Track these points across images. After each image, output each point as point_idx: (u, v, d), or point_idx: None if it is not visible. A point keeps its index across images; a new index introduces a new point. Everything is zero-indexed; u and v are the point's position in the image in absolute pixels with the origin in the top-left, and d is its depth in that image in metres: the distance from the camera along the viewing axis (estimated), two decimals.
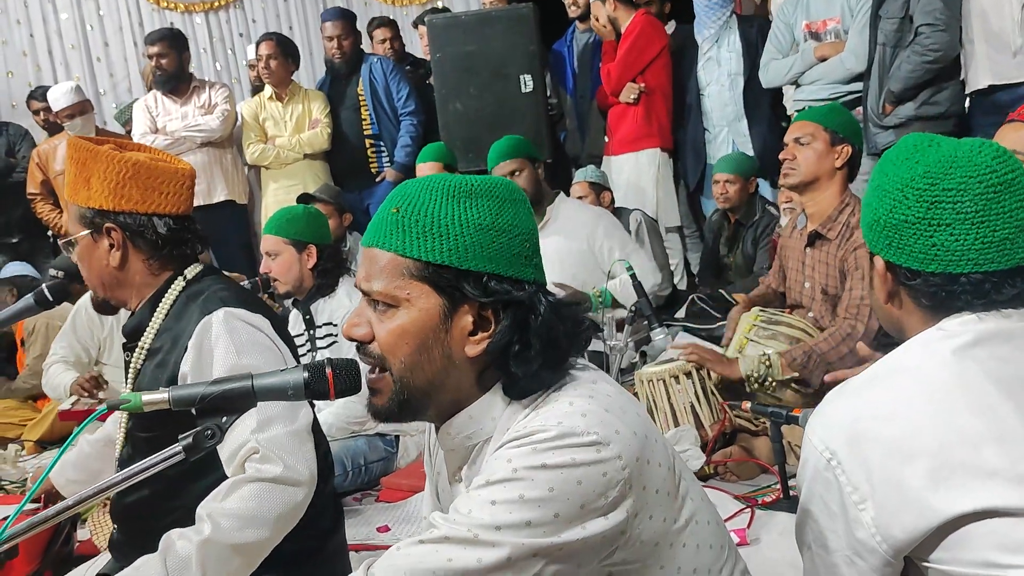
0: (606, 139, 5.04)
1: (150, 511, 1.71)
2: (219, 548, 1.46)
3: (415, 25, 5.88)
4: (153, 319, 1.73)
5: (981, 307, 1.13)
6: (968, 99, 3.77)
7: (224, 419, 1.11)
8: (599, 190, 4.29)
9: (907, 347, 1.16)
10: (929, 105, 3.71)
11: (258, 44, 5.33)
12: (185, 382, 1.64)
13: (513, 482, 1.03)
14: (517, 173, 3.66)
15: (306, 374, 1.13)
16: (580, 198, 4.16)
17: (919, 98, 3.72)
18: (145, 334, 1.73)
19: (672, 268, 5.18)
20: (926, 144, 1.18)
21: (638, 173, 4.87)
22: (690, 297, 4.06)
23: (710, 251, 4.65)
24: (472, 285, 1.11)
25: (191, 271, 1.77)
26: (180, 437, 1.10)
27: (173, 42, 5.14)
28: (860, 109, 3.95)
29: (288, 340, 1.81)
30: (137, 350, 1.73)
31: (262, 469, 1.52)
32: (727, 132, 4.69)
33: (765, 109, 4.55)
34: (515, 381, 1.13)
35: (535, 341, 1.12)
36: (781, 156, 3.02)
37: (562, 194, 3.84)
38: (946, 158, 1.14)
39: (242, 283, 3.55)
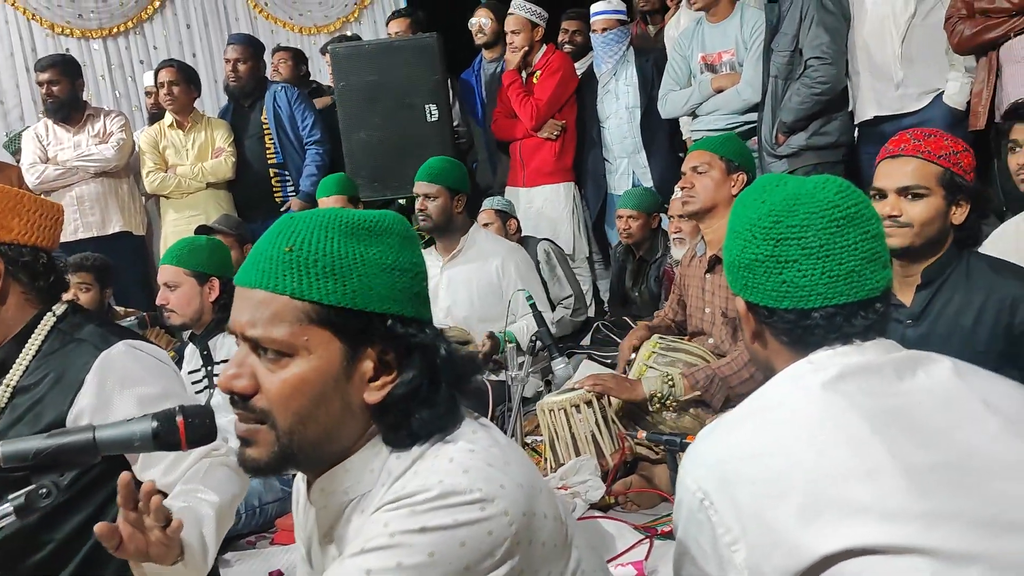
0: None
1: (20, 545, 1.64)
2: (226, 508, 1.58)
3: (322, 53, 5.81)
4: (22, 355, 1.67)
5: (836, 340, 1.15)
6: (857, 129, 3.91)
7: (62, 476, 1.03)
8: (505, 218, 4.29)
9: (777, 381, 1.17)
10: (820, 135, 3.84)
11: (157, 71, 5.18)
12: (81, 421, 1.58)
13: (390, 549, 0.97)
14: (431, 198, 3.62)
15: (154, 423, 1.07)
16: (485, 225, 4.15)
17: (810, 128, 3.85)
18: (12, 371, 1.66)
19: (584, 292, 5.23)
20: (773, 184, 1.21)
21: (554, 205, 4.93)
22: (595, 324, 4.08)
23: (617, 281, 4.69)
24: (377, 328, 1.05)
25: (59, 308, 1.73)
26: (11, 497, 1.02)
27: (65, 69, 4.96)
28: (755, 139, 4.06)
29: None
30: (2, 386, 1.66)
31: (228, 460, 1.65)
32: (627, 163, 4.76)
33: (663, 141, 4.64)
34: (398, 430, 1.07)
35: (440, 385, 1.07)
36: (679, 185, 3.07)
37: (476, 224, 3.82)
38: (790, 196, 1.17)
39: (128, 320, 3.44)
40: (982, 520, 0.99)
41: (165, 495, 1.40)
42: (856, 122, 3.88)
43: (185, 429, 1.07)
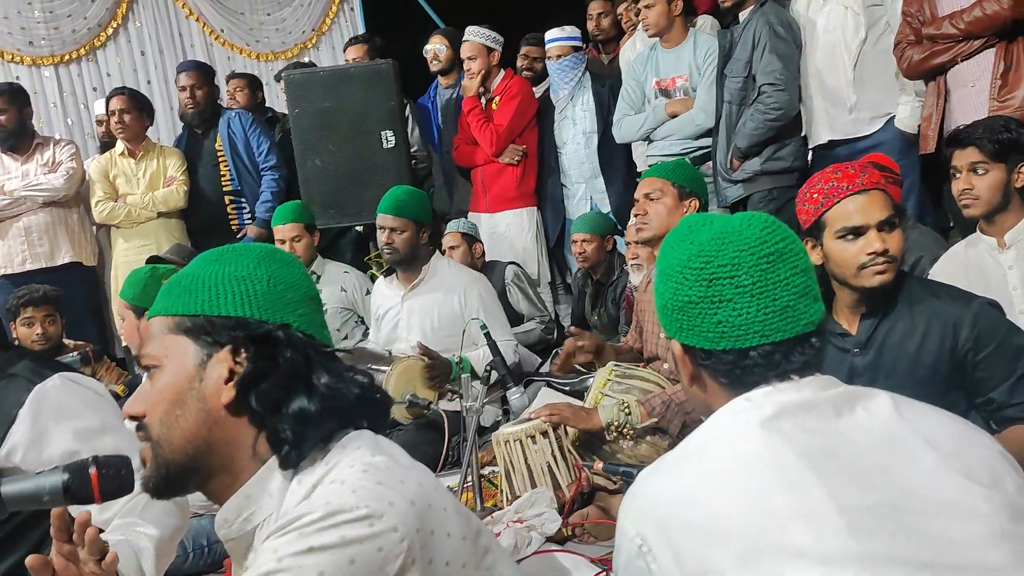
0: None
1: None
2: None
3: (277, 80, 5.76)
4: None
5: (775, 378, 1.13)
6: (811, 153, 3.94)
7: None
8: (471, 241, 4.26)
9: (715, 420, 1.14)
10: (774, 160, 3.86)
11: (109, 99, 5.09)
12: (13, 457, 1.54)
13: (279, 573, 0.97)
14: (397, 232, 3.56)
15: (65, 476, 1.01)
16: (451, 248, 4.11)
17: (764, 153, 3.87)
18: None
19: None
20: (700, 224, 1.19)
21: (518, 230, 4.92)
22: (555, 351, 4.05)
23: (577, 307, 4.67)
24: (222, 328, 1.12)
25: None
26: None
27: (12, 97, 4.85)
28: (711, 164, 4.08)
29: None
30: None
31: None
32: (585, 189, 4.75)
33: (620, 166, 4.64)
34: (279, 446, 1.09)
35: (292, 386, 1.09)
36: (633, 212, 3.07)
37: (438, 252, 3.78)
38: (718, 235, 1.15)
39: (69, 356, 3.35)
40: (921, 562, 0.97)
41: (101, 530, 1.35)
42: (810, 146, 3.91)
43: (99, 481, 1.03)
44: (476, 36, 4.75)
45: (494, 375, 2.85)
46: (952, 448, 1.08)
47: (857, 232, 2.07)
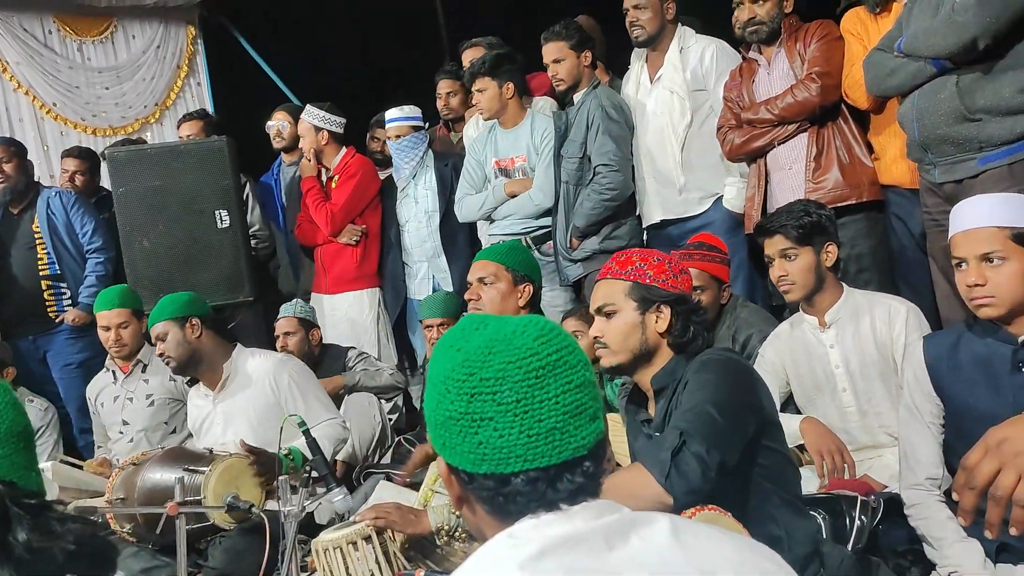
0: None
1: None
2: None
3: (101, 158, 5.43)
4: None
5: (541, 508, 1.02)
6: (646, 232, 3.98)
7: None
8: (308, 327, 4.06)
9: (476, 558, 1.03)
10: (611, 239, 3.88)
11: None
12: None
13: None
14: (162, 339, 3.33)
15: None
16: (286, 334, 3.89)
17: (602, 232, 3.89)
18: None
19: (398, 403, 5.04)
20: (472, 327, 1.08)
21: (359, 311, 4.78)
22: (396, 440, 3.89)
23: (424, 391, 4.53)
24: None
25: None
26: None
27: None
28: (551, 243, 4.07)
29: None
30: None
31: None
32: (427, 268, 4.67)
33: (462, 244, 4.59)
34: None
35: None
36: (467, 295, 3.00)
37: (239, 346, 3.50)
38: (487, 344, 1.04)
39: None
40: None
41: None
42: (644, 225, 3.96)
43: None
44: (306, 115, 4.67)
45: (314, 476, 2.66)
46: (731, 574, 1.01)
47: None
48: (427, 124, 4.86)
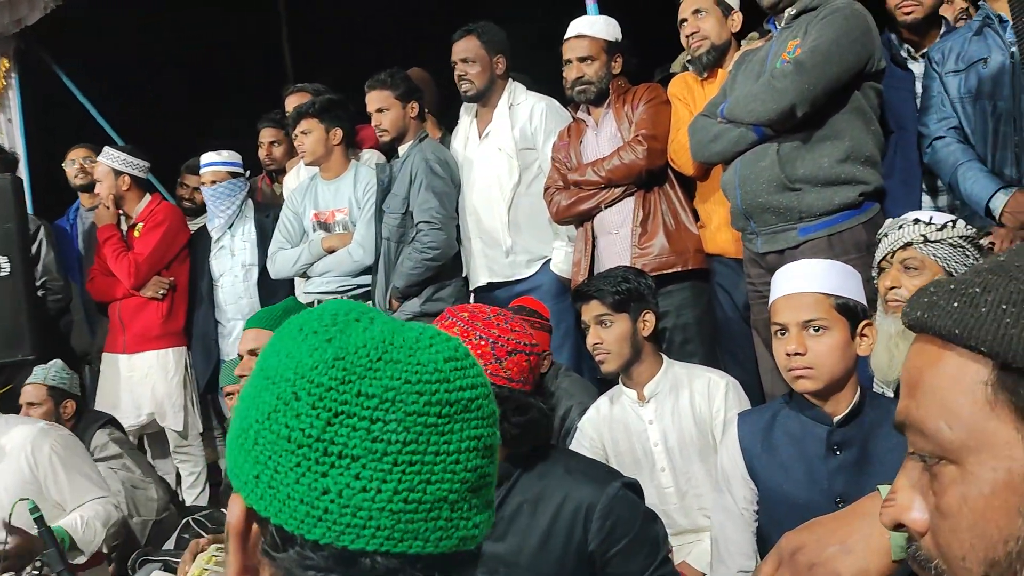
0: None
1: None
2: None
3: None
4: None
5: None
6: (472, 295, 3.76)
7: None
8: (61, 397, 3.53)
9: None
10: (433, 301, 3.64)
11: None
12: None
13: None
14: None
15: None
16: (31, 404, 3.38)
17: (424, 294, 3.66)
18: None
19: (197, 475, 4.58)
20: (353, 317, 0.78)
21: (162, 374, 4.35)
22: (184, 520, 3.44)
23: None
24: None
25: None
26: None
27: None
28: (370, 303, 3.78)
29: None
30: None
31: None
32: (242, 327, 4.27)
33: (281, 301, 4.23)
34: None
35: None
36: (236, 372, 2.71)
37: None
38: (375, 344, 0.72)
39: None
40: None
41: None
42: (471, 288, 3.74)
43: None
44: (104, 157, 4.28)
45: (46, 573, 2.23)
46: None
47: None
48: (247, 173, 4.51)
